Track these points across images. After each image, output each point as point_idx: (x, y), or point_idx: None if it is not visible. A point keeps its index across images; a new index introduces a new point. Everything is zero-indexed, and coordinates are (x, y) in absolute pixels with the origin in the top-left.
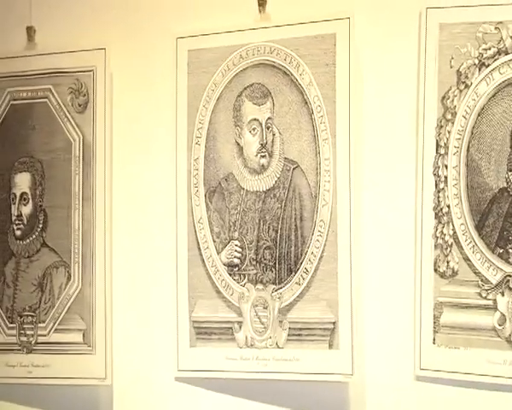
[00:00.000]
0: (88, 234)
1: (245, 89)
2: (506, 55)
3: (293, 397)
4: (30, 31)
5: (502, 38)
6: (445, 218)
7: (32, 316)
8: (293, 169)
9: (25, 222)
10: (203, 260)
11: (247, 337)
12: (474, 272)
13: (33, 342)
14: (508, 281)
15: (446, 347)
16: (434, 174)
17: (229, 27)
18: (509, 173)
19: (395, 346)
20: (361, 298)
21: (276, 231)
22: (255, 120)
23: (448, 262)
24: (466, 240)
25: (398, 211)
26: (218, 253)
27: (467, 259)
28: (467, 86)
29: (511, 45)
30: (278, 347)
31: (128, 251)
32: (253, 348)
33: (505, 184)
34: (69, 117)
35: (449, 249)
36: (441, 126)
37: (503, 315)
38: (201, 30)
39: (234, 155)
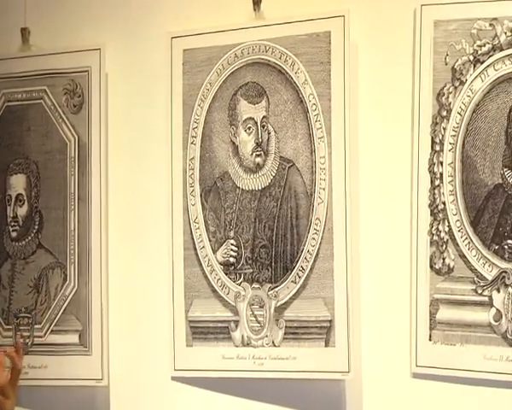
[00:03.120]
0: (84, 235)
1: (240, 88)
2: (501, 51)
3: (290, 395)
4: (24, 32)
5: (496, 34)
6: (440, 215)
7: (28, 317)
8: (289, 168)
9: (20, 223)
10: (199, 260)
11: (243, 336)
12: (470, 269)
13: (30, 343)
14: (503, 277)
15: (442, 343)
16: (430, 171)
17: (224, 26)
18: (505, 169)
19: (391, 343)
20: (357, 296)
21: (272, 230)
22: (250, 118)
23: (444, 259)
24: (461, 237)
25: (394, 208)
26: (214, 252)
27: (462, 255)
28: (462, 83)
29: (506, 41)
30: (275, 345)
31: (124, 251)
32: (249, 347)
33: (500, 181)
34: (64, 118)
35: (444, 246)
36: (436, 123)
37: (499, 311)
38: (196, 29)
39: (229, 154)
